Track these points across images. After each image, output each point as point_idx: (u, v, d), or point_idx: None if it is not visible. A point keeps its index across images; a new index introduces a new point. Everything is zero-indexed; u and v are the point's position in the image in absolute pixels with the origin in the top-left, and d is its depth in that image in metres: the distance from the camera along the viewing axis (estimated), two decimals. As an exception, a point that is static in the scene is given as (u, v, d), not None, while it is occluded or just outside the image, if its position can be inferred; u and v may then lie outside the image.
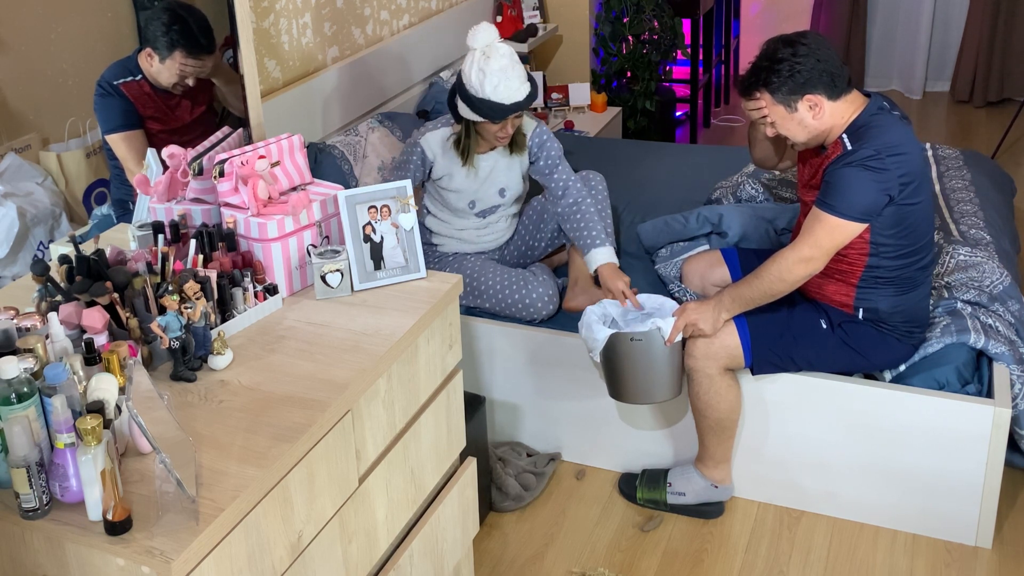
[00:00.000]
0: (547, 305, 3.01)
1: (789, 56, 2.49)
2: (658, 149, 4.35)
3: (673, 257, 3.24)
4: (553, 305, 3.02)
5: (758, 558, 2.75)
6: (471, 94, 2.83)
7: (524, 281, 3.02)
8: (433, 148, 3.00)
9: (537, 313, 3.01)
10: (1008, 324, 2.85)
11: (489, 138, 2.96)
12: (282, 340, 1.97)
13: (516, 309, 3.02)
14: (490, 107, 2.82)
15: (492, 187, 3.08)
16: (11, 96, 2.14)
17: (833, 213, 2.46)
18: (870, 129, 2.48)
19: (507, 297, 3.01)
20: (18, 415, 1.51)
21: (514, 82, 2.81)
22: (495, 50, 2.82)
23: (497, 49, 2.82)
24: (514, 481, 2.97)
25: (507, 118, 2.87)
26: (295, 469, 1.69)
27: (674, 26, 5.32)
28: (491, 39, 2.84)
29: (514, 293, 3.00)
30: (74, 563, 1.51)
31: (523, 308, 3.00)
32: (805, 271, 2.54)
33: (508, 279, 3.03)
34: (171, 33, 2.41)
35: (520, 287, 3.00)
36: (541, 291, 2.99)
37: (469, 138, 2.97)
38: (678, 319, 2.67)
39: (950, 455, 2.67)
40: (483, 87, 2.80)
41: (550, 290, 3.02)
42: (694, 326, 2.67)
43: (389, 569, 2.06)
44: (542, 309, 3.00)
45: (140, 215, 2.25)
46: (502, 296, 3.02)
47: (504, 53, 2.82)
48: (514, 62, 2.83)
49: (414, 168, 3.00)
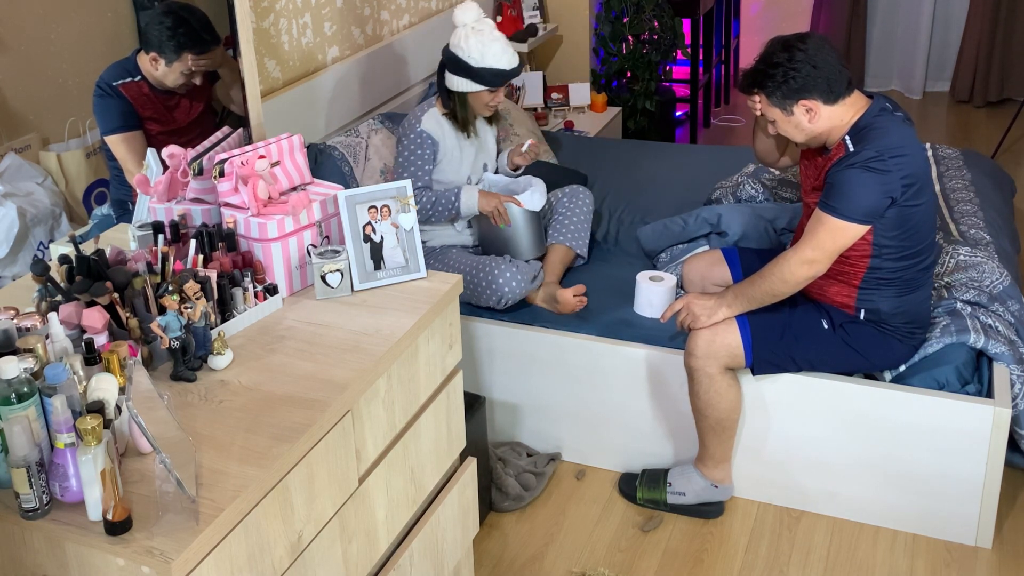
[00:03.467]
0: (513, 291, 2.97)
1: (784, 61, 2.49)
2: (658, 149, 4.35)
3: (673, 261, 3.24)
4: (520, 290, 2.99)
5: (758, 558, 2.75)
6: (470, 65, 2.98)
7: (494, 265, 3.00)
8: (434, 129, 3.09)
9: (502, 296, 2.97)
10: (1008, 324, 2.85)
11: (480, 108, 3.10)
12: (282, 340, 1.97)
13: (483, 295, 3.00)
14: (494, 74, 2.99)
15: (480, 160, 3.22)
16: (11, 96, 2.14)
17: (836, 215, 2.46)
18: (873, 131, 2.48)
19: (479, 283, 3.01)
20: (18, 415, 1.51)
21: (509, 48, 3.02)
22: (485, 24, 3.02)
23: (486, 23, 3.04)
24: (514, 481, 2.97)
25: (503, 85, 3.05)
26: (295, 469, 1.69)
27: (674, 26, 5.32)
28: (479, 14, 3.05)
29: (482, 280, 3.00)
30: (74, 563, 1.51)
31: (490, 294, 2.99)
32: (808, 273, 2.54)
33: (478, 265, 3.04)
34: (177, 37, 2.41)
35: (488, 272, 2.99)
36: (508, 276, 2.97)
37: (465, 110, 3.09)
38: (678, 301, 2.75)
39: (950, 455, 2.67)
40: (484, 56, 2.97)
41: (518, 275, 2.98)
42: (689, 311, 2.69)
43: (389, 569, 2.06)
44: (509, 293, 2.96)
45: (140, 215, 2.25)
46: (470, 280, 3.03)
47: (492, 25, 3.04)
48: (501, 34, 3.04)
49: (428, 156, 3.08)
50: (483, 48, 2.96)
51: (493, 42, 2.97)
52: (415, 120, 3.10)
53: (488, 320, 3.07)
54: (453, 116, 3.10)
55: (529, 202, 3.12)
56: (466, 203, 3.07)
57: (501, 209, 3.07)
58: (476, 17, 3.04)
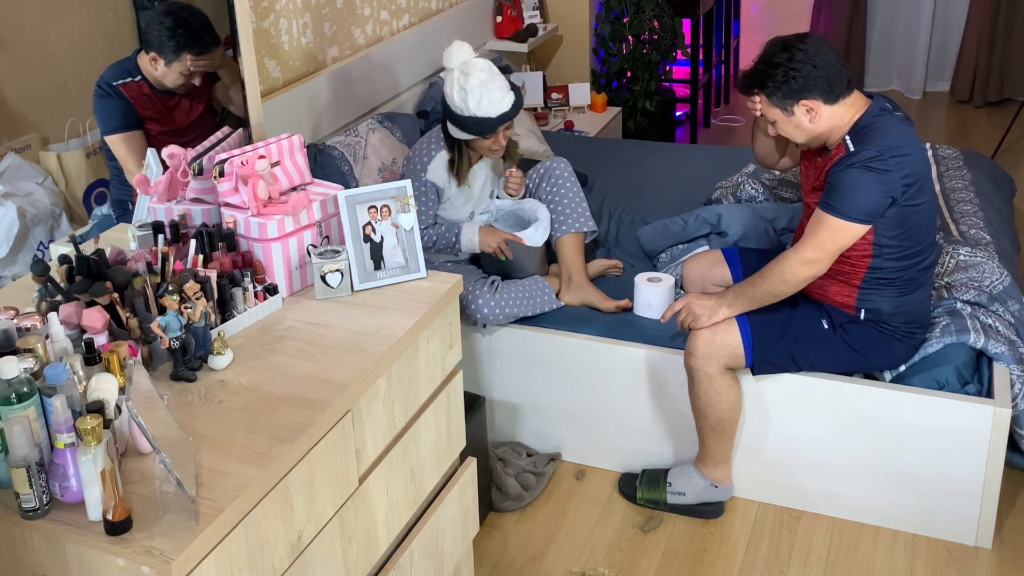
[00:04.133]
0: (486, 317, 2.95)
1: (785, 62, 2.49)
2: (658, 149, 4.35)
3: (673, 261, 3.24)
4: (495, 319, 2.96)
5: (758, 558, 2.75)
6: (457, 114, 2.86)
7: (473, 287, 2.96)
8: (440, 178, 3.00)
9: (478, 320, 2.96)
10: (1008, 324, 2.85)
11: (484, 152, 2.99)
12: (282, 340, 1.97)
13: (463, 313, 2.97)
14: (477, 123, 2.85)
15: (485, 193, 3.13)
16: (11, 96, 2.14)
17: (836, 215, 2.46)
18: (873, 130, 2.48)
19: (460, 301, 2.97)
20: (18, 415, 1.51)
21: (496, 93, 2.82)
22: (472, 66, 2.83)
23: (474, 65, 2.84)
24: (514, 481, 2.97)
25: (497, 130, 2.89)
26: (295, 469, 1.69)
27: (674, 26, 5.31)
28: (466, 56, 2.86)
29: (462, 299, 2.95)
30: (74, 563, 1.51)
31: (468, 315, 2.96)
32: (808, 273, 2.54)
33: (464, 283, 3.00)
34: (177, 37, 2.41)
35: (467, 292, 2.95)
36: (481, 303, 2.94)
37: (461, 160, 2.98)
38: (678, 301, 2.76)
39: (950, 455, 2.67)
40: (467, 104, 2.82)
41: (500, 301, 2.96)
42: (690, 310, 2.69)
43: (389, 569, 2.06)
44: (482, 320, 2.95)
45: (140, 215, 2.25)
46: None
47: (482, 67, 2.83)
48: (493, 74, 2.84)
49: (432, 202, 3.01)
50: (466, 97, 2.81)
51: (475, 90, 2.80)
52: (420, 166, 2.99)
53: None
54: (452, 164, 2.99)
55: (532, 239, 3.06)
56: (466, 243, 3.04)
57: (503, 247, 3.03)
58: (463, 59, 2.86)
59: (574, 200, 3.16)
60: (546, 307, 3.04)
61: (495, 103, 2.82)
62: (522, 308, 3.00)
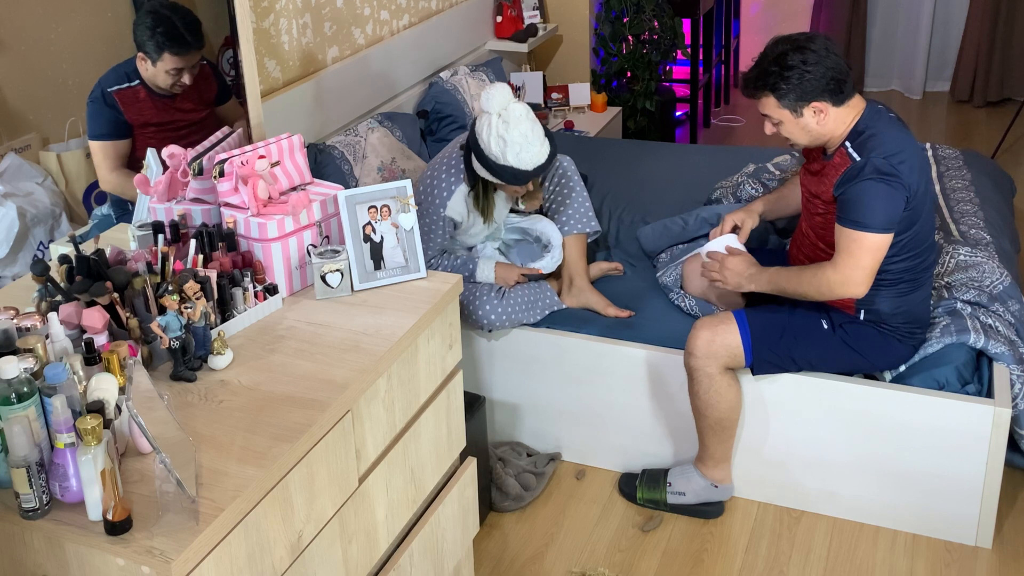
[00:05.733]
0: (493, 323, 2.94)
1: (799, 63, 2.45)
2: (658, 149, 4.35)
3: (673, 261, 3.24)
4: (502, 323, 2.96)
5: (758, 558, 2.75)
6: (492, 161, 2.73)
7: (480, 293, 2.95)
8: (460, 212, 2.92)
9: (484, 326, 2.96)
10: (1008, 324, 2.85)
11: (508, 192, 2.94)
12: (282, 340, 1.97)
13: (469, 319, 2.97)
14: (513, 174, 2.74)
15: (502, 220, 3.12)
16: (11, 96, 2.14)
17: (867, 230, 2.44)
18: (872, 137, 2.48)
19: (465, 307, 2.96)
20: (18, 415, 1.51)
21: (535, 146, 2.70)
22: (512, 113, 2.69)
23: (514, 112, 2.69)
24: (514, 481, 2.97)
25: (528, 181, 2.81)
26: (295, 469, 1.69)
27: (674, 26, 5.31)
28: (506, 101, 2.70)
29: (468, 305, 2.95)
30: (74, 563, 1.52)
31: (475, 321, 2.96)
32: (843, 292, 2.52)
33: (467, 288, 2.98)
34: (156, 36, 2.38)
35: (474, 298, 2.95)
36: (488, 308, 2.93)
37: (487, 199, 2.90)
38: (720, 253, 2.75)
39: (950, 455, 2.67)
40: (505, 155, 2.70)
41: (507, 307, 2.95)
42: (724, 268, 2.70)
43: (389, 569, 2.06)
44: (488, 326, 2.95)
45: (140, 215, 2.25)
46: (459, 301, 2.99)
47: (522, 115, 2.70)
48: (533, 123, 2.72)
49: (443, 235, 2.93)
50: (504, 148, 2.68)
51: (515, 142, 2.66)
52: (440, 201, 2.87)
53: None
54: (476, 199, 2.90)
55: (548, 266, 3.05)
56: (481, 277, 3.00)
57: (521, 280, 3.02)
58: (503, 104, 2.69)
59: (578, 199, 3.15)
60: (549, 310, 3.05)
61: (533, 156, 2.71)
62: (528, 315, 3.00)
